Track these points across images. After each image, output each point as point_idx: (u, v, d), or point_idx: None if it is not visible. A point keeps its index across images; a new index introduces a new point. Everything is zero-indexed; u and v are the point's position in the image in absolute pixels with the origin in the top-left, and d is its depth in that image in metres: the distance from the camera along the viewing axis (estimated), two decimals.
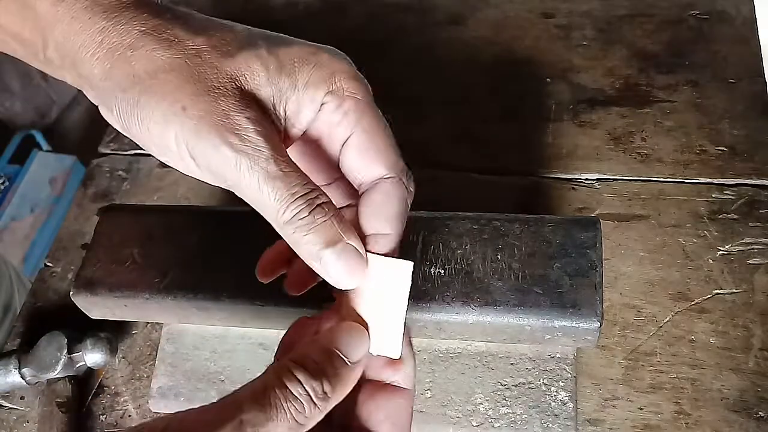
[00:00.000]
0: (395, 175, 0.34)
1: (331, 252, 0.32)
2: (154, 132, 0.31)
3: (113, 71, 0.31)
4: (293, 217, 0.31)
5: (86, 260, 0.50)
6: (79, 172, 1.83)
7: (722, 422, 0.48)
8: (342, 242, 0.32)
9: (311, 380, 0.29)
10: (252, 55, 0.32)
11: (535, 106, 0.68)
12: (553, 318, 0.44)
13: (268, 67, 0.32)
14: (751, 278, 0.54)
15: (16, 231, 1.71)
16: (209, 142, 0.30)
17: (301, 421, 0.28)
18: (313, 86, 0.33)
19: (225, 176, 0.31)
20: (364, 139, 0.34)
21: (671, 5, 0.74)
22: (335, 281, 0.33)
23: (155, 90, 0.31)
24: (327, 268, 0.32)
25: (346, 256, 0.32)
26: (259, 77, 0.32)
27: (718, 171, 0.61)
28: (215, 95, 0.31)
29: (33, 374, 0.54)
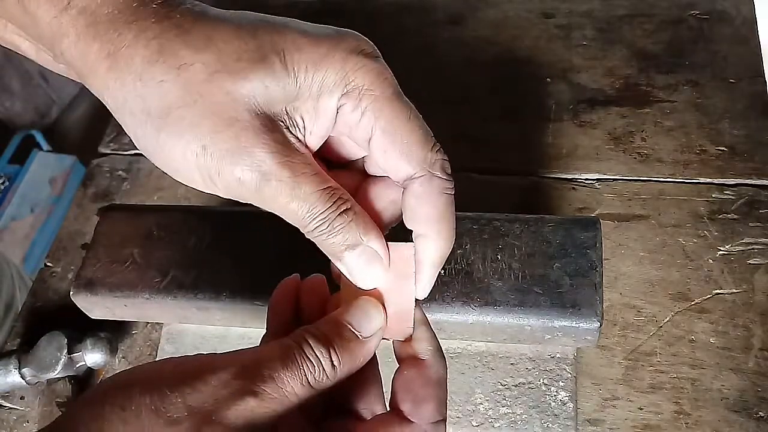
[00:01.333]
0: (425, 171, 0.33)
1: (351, 254, 0.33)
2: (176, 164, 0.31)
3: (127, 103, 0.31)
4: (315, 229, 0.32)
5: (86, 260, 0.50)
6: (79, 172, 1.83)
7: (722, 422, 0.48)
8: (362, 245, 0.33)
9: (321, 346, 0.30)
10: (267, 73, 0.31)
11: (535, 106, 0.68)
12: (553, 318, 0.44)
13: (284, 84, 0.31)
14: (751, 278, 0.54)
15: (16, 231, 1.71)
16: (232, 177, 0.31)
17: (312, 383, 0.30)
18: (327, 93, 0.32)
19: (248, 199, 0.32)
20: (384, 140, 0.32)
21: (671, 5, 0.74)
22: (356, 280, 0.34)
23: (172, 126, 0.30)
24: (348, 269, 0.33)
25: (365, 257, 0.33)
26: (275, 95, 0.31)
27: (718, 171, 0.61)
28: (235, 130, 0.30)
29: (33, 374, 0.54)
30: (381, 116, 0.32)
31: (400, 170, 0.33)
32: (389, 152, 0.33)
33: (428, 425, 0.32)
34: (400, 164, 0.33)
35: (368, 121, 0.32)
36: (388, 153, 0.33)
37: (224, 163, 0.30)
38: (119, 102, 0.31)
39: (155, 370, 0.29)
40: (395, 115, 0.32)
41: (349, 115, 0.32)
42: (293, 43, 0.31)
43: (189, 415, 0.27)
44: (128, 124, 0.31)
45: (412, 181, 0.33)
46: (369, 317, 0.33)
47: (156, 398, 0.27)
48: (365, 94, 0.32)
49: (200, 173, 0.31)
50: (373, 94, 0.32)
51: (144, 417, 0.27)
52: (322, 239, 0.32)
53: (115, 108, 0.31)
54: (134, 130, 0.31)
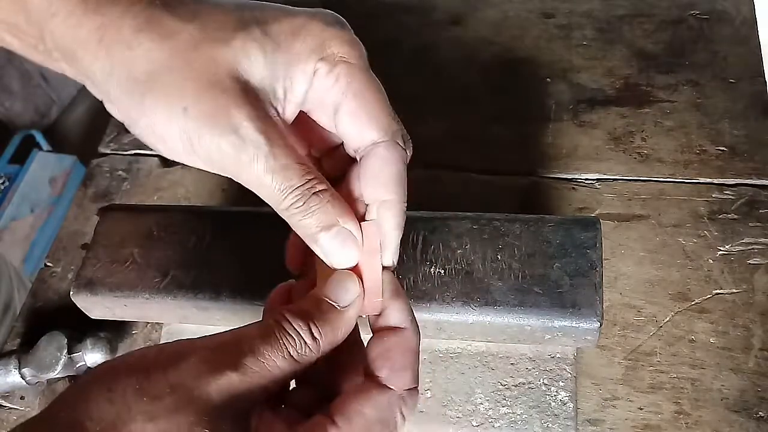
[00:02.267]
0: (389, 138, 0.34)
1: (326, 235, 0.33)
2: (159, 130, 0.32)
3: (114, 71, 0.32)
4: (290, 205, 0.33)
5: (86, 260, 0.50)
6: (79, 172, 1.83)
7: (722, 422, 0.48)
8: (336, 226, 0.33)
9: (299, 321, 0.31)
10: (248, 39, 0.32)
11: (535, 106, 0.68)
12: (553, 318, 0.44)
13: (265, 50, 0.33)
14: (751, 278, 0.54)
15: (16, 231, 1.71)
16: (211, 141, 0.31)
17: (294, 356, 0.31)
18: (305, 57, 0.33)
19: (227, 169, 0.32)
20: (355, 104, 0.34)
21: (671, 5, 0.74)
22: (331, 262, 0.34)
23: (157, 91, 0.31)
24: (323, 250, 0.34)
25: (341, 238, 0.34)
26: (257, 62, 0.33)
27: (718, 171, 0.61)
28: (215, 93, 0.31)
29: (33, 374, 0.54)
30: (353, 82, 0.34)
31: (365, 135, 0.34)
32: (358, 117, 0.34)
33: (404, 391, 0.33)
34: (368, 129, 0.34)
35: (340, 86, 0.34)
36: (356, 117, 0.34)
37: (204, 125, 0.31)
38: (106, 72, 0.32)
39: (140, 355, 0.30)
40: (366, 83, 0.34)
41: (323, 79, 0.34)
42: (273, 16, 0.33)
43: (171, 391, 0.28)
44: (113, 95, 0.32)
45: (377, 146, 0.34)
46: (345, 287, 0.33)
47: (141, 378, 0.28)
48: (340, 60, 0.34)
49: (181, 139, 0.32)
50: (348, 62, 0.34)
51: (129, 396, 0.28)
52: (297, 219, 0.33)
53: (102, 80, 0.32)
54: (119, 99, 0.32)
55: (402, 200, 0.35)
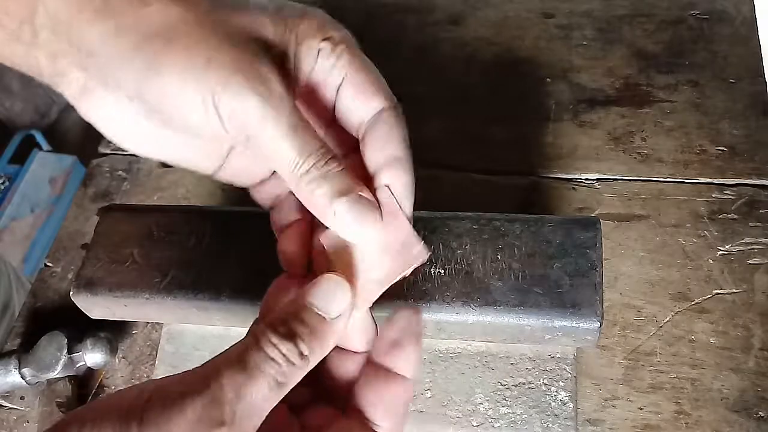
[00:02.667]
0: (393, 105, 0.35)
1: (345, 201, 0.32)
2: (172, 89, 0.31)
3: (122, 29, 0.30)
4: (311, 167, 0.32)
5: (86, 260, 0.50)
6: (79, 172, 1.83)
7: (722, 422, 0.48)
8: (354, 193, 0.32)
9: (286, 342, 0.29)
10: (258, 11, 0.33)
11: (535, 106, 0.68)
12: (553, 318, 0.44)
13: (276, 22, 0.33)
14: (751, 278, 0.54)
15: (16, 231, 1.71)
16: (237, 92, 0.30)
17: (282, 380, 0.29)
18: (311, 36, 0.34)
19: (248, 126, 0.31)
20: (359, 77, 0.35)
21: (671, 5, 0.74)
22: (348, 232, 0.33)
23: (174, 44, 0.30)
24: (340, 219, 0.32)
25: (359, 206, 0.32)
26: (269, 31, 0.33)
27: (718, 171, 0.61)
28: (239, 46, 0.31)
29: (33, 374, 0.54)
30: (354, 60, 0.35)
31: (372, 103, 0.35)
32: (365, 87, 0.35)
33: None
34: (375, 97, 0.35)
35: (343, 64, 0.35)
36: (363, 88, 0.35)
37: (231, 75, 0.30)
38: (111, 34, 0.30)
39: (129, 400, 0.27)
40: (365, 61, 0.36)
41: (326, 59, 0.35)
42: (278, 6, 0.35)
43: None
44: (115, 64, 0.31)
45: (383, 112, 0.35)
46: (334, 294, 0.31)
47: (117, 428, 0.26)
48: (340, 42, 0.35)
49: (203, 95, 0.30)
50: (345, 41, 0.35)
51: None
52: (312, 187, 0.32)
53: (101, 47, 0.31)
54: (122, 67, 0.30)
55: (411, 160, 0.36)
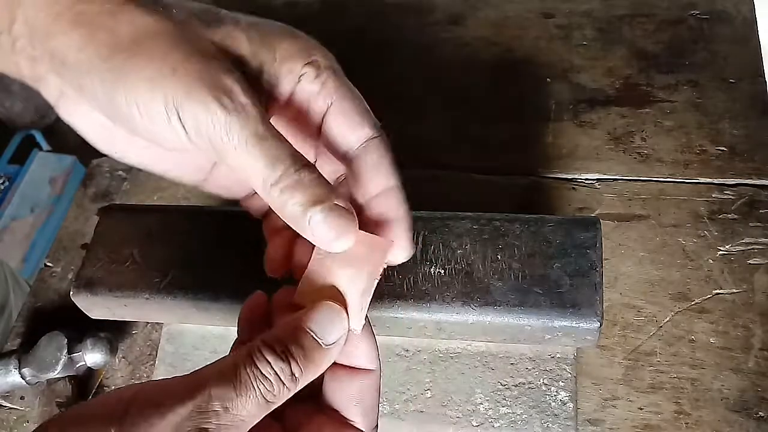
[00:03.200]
0: (380, 133, 0.35)
1: (319, 211, 0.31)
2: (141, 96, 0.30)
3: (94, 39, 0.30)
4: (281, 176, 0.30)
5: (86, 260, 0.50)
6: (79, 172, 1.82)
7: (722, 422, 0.48)
8: (329, 202, 0.31)
9: (280, 362, 0.29)
10: (234, 25, 0.33)
11: (535, 106, 0.68)
12: (553, 318, 0.44)
13: (251, 39, 0.33)
14: (751, 278, 0.54)
15: (16, 231, 1.71)
16: (200, 102, 0.30)
17: (270, 399, 0.28)
18: (291, 58, 0.34)
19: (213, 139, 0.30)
20: (347, 105, 0.35)
21: (671, 5, 0.74)
22: (324, 242, 0.31)
23: (142, 54, 0.30)
24: (315, 229, 0.31)
25: (335, 215, 0.31)
26: (242, 47, 0.33)
27: (718, 171, 0.61)
28: (205, 58, 0.31)
29: (33, 374, 0.54)
30: (341, 87, 0.35)
31: (360, 131, 0.35)
32: (353, 115, 0.35)
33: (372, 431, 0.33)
34: (362, 126, 0.35)
35: (329, 91, 0.34)
36: (351, 116, 0.35)
37: (194, 86, 0.30)
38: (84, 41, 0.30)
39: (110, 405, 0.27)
40: (350, 88, 0.35)
41: (310, 84, 0.34)
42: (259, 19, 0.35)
43: None
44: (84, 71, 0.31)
45: (372, 140, 0.35)
46: (333, 323, 0.31)
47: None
48: (325, 68, 0.34)
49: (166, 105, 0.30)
50: (332, 67, 0.35)
51: None
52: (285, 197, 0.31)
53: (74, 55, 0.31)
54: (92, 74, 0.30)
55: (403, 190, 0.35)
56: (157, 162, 0.37)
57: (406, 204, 0.35)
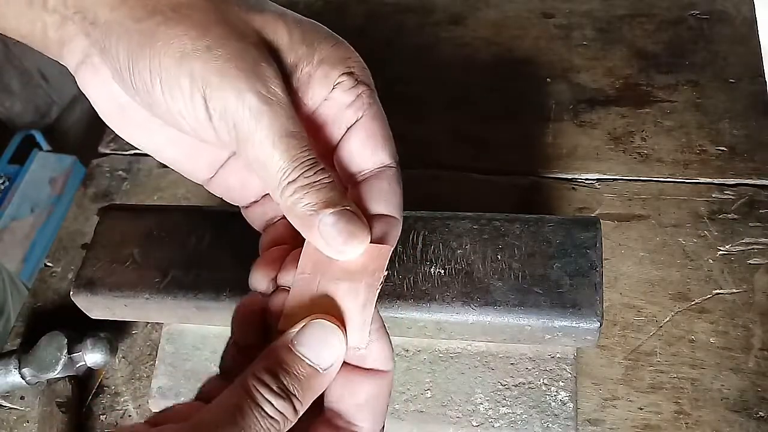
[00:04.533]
0: (396, 165, 0.34)
1: (332, 213, 0.29)
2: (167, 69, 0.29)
3: (136, 11, 0.29)
4: (299, 176, 0.29)
5: (86, 260, 0.50)
6: (79, 172, 1.82)
7: (722, 422, 0.48)
8: (341, 205, 0.30)
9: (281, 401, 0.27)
10: (278, 16, 0.32)
11: (535, 106, 0.68)
12: (553, 318, 0.44)
13: (291, 33, 0.32)
14: (751, 278, 0.54)
15: (16, 231, 1.71)
16: (233, 86, 0.28)
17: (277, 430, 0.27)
18: (330, 63, 0.32)
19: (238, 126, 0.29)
20: (372, 125, 0.33)
21: (671, 5, 0.74)
22: (331, 247, 0.30)
23: (178, 22, 0.29)
24: (323, 232, 0.29)
25: (346, 219, 0.29)
26: (282, 40, 0.31)
27: (718, 171, 0.61)
28: (244, 42, 0.29)
29: (33, 374, 0.54)
30: (373, 104, 0.33)
31: (378, 156, 0.33)
32: (376, 137, 0.33)
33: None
34: (382, 151, 0.34)
35: (361, 105, 0.33)
36: (373, 138, 0.33)
37: (229, 68, 0.28)
38: (115, 5, 0.29)
39: None
40: (380, 110, 0.34)
41: (344, 94, 0.33)
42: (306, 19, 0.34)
43: None
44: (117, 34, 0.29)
45: (388, 168, 0.34)
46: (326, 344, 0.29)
47: None
48: (362, 81, 0.33)
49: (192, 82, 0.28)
50: (369, 84, 0.34)
51: None
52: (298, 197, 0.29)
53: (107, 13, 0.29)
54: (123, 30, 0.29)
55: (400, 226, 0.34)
56: (166, 147, 0.35)
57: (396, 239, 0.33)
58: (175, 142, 0.35)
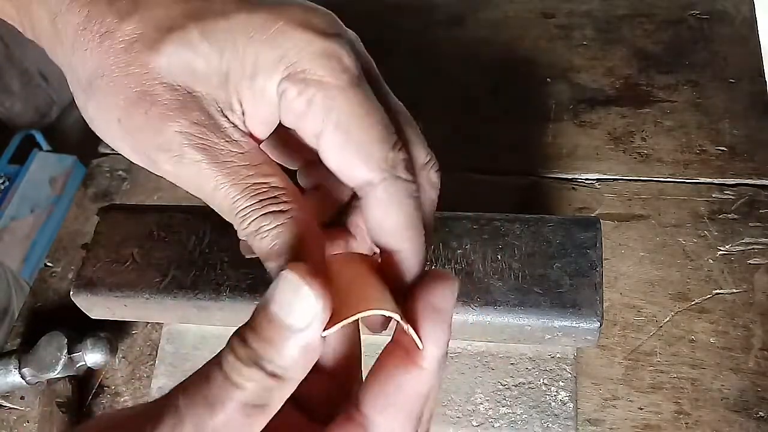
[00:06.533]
0: (388, 174, 0.27)
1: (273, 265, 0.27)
2: (106, 136, 0.29)
3: (68, 72, 0.29)
4: (239, 226, 0.27)
5: (86, 260, 0.50)
6: (79, 172, 1.82)
7: (722, 422, 0.48)
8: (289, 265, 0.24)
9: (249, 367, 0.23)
10: (180, 43, 0.26)
11: (535, 106, 0.68)
12: (553, 318, 0.44)
13: (203, 56, 0.27)
14: (751, 278, 0.54)
15: (16, 231, 1.71)
16: (147, 155, 0.28)
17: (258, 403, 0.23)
18: (263, 74, 0.27)
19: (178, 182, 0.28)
20: (337, 137, 0.27)
21: (671, 5, 0.74)
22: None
23: (94, 100, 0.28)
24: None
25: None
26: (196, 69, 0.27)
27: (718, 171, 0.61)
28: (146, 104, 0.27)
29: (33, 374, 0.54)
30: (333, 108, 0.26)
31: (356, 174, 0.27)
32: (344, 152, 0.27)
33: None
34: (358, 167, 0.27)
35: (317, 112, 0.27)
36: (342, 153, 0.27)
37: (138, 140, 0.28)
38: (66, 68, 0.29)
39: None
40: (350, 107, 0.27)
41: (293, 103, 0.27)
42: (223, 10, 0.27)
43: None
44: (72, 91, 0.30)
45: (373, 187, 0.27)
46: (298, 302, 0.23)
47: None
48: (312, 79, 0.26)
49: (126, 146, 0.28)
50: (322, 80, 0.26)
51: None
52: (252, 243, 0.27)
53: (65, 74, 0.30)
54: (75, 97, 0.29)
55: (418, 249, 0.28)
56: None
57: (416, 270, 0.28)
58: None
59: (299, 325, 0.23)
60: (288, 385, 0.24)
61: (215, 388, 0.23)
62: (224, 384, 0.23)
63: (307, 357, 0.24)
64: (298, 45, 0.26)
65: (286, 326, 0.23)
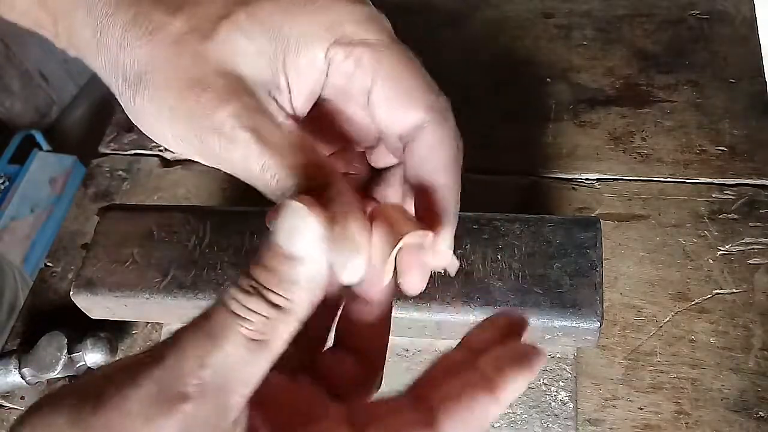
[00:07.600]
0: (436, 116, 0.30)
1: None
2: (153, 129, 0.30)
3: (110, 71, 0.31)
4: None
5: (86, 260, 0.50)
6: (79, 172, 1.83)
7: (722, 422, 0.48)
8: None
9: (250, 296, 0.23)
10: (231, 29, 0.29)
11: (535, 106, 0.68)
12: (553, 318, 0.44)
13: (253, 38, 0.29)
14: (751, 278, 0.54)
15: (16, 231, 1.71)
16: (198, 139, 0.29)
17: (260, 338, 0.23)
18: (311, 43, 0.29)
19: (226, 166, 0.29)
20: (388, 87, 0.29)
21: (671, 5, 0.74)
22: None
23: (143, 93, 0.29)
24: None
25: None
26: (246, 52, 0.29)
27: (718, 171, 0.61)
28: (198, 90, 0.29)
29: (33, 374, 0.54)
30: (381, 63, 0.29)
31: (408, 119, 0.30)
32: (394, 100, 0.29)
33: None
34: (409, 111, 0.30)
35: (366, 70, 0.29)
36: (392, 101, 0.29)
37: (189, 125, 0.29)
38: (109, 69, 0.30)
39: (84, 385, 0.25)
40: (396, 61, 0.30)
41: (342, 66, 0.29)
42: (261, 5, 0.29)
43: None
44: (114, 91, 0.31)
45: (422, 129, 0.30)
46: (296, 228, 0.24)
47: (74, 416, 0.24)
48: (358, 41, 0.29)
49: (173, 137, 0.30)
50: (368, 41, 0.29)
51: None
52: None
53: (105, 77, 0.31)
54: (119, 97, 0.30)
55: (458, 184, 0.30)
56: None
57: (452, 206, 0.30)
58: None
59: (302, 253, 0.24)
60: (291, 318, 0.24)
61: (218, 322, 0.23)
62: (226, 316, 0.23)
63: (311, 287, 0.24)
64: (341, 13, 0.29)
65: (289, 254, 0.24)
